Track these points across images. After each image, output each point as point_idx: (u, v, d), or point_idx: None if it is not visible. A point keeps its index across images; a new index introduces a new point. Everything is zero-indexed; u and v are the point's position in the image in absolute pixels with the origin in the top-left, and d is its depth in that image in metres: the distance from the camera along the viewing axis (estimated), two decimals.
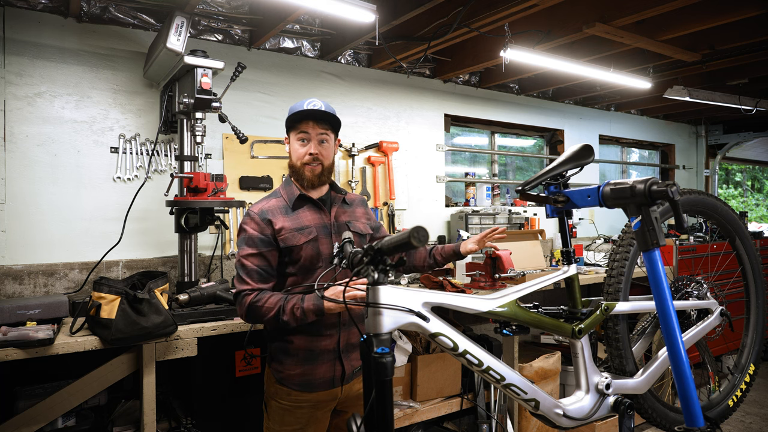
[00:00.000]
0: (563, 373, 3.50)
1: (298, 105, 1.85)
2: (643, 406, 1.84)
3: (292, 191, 1.88)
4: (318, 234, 1.83)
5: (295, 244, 1.79)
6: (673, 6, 2.78)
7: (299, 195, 1.86)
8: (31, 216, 2.64)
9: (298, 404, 1.82)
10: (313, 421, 1.85)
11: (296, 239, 1.80)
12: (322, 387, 1.83)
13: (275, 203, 1.85)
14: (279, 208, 1.84)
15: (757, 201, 9.21)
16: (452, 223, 4.13)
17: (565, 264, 1.78)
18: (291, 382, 1.82)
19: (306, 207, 1.87)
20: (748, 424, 3.85)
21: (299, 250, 1.80)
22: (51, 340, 1.97)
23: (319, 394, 1.83)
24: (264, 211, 1.82)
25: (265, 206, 1.84)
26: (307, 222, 1.84)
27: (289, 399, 1.82)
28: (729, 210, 2.09)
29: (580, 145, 1.78)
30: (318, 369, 1.82)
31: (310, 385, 1.82)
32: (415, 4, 2.81)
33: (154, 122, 2.94)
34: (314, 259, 1.81)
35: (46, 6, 2.67)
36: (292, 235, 1.80)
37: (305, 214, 1.85)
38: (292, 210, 1.84)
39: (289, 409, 1.83)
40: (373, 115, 3.84)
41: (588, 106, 5.40)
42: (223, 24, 3.18)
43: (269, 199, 1.88)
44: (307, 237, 1.81)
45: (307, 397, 1.82)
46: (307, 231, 1.82)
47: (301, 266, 1.81)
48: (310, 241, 1.81)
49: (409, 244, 1.20)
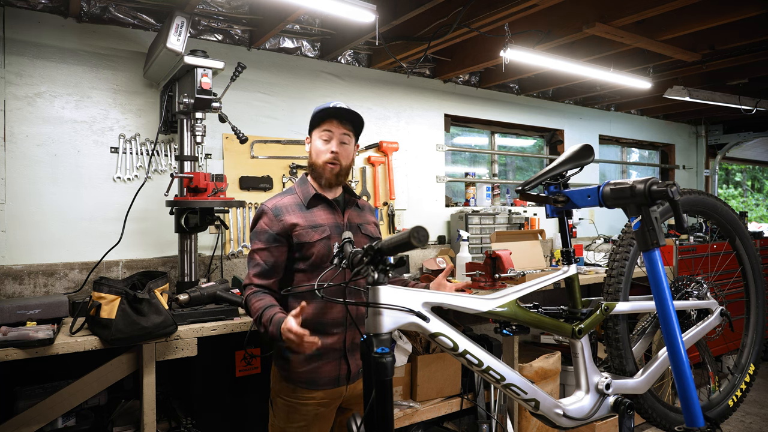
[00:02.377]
0: (563, 373, 3.50)
1: (323, 105, 1.89)
2: (643, 406, 1.84)
3: (307, 190, 1.91)
4: (331, 233, 1.86)
5: (308, 240, 1.82)
6: (673, 6, 2.78)
7: (315, 194, 1.89)
8: (31, 216, 2.64)
9: (304, 401, 1.83)
10: (318, 419, 1.86)
11: (310, 236, 1.82)
12: (328, 385, 1.84)
13: (290, 200, 1.88)
14: (294, 204, 1.87)
15: (757, 201, 9.20)
16: (452, 223, 4.13)
17: (565, 264, 1.78)
18: (296, 380, 1.83)
19: (320, 206, 1.90)
20: (748, 424, 3.85)
21: (311, 246, 1.82)
22: (51, 340, 1.97)
23: (324, 392, 1.84)
24: (278, 207, 1.85)
25: (279, 203, 1.87)
26: (321, 221, 1.87)
27: (295, 396, 1.84)
28: (729, 210, 2.09)
29: (580, 145, 1.78)
30: (324, 367, 1.83)
31: (316, 382, 1.83)
32: (415, 4, 2.81)
33: (154, 122, 2.94)
34: (325, 258, 1.83)
35: (46, 6, 2.67)
36: (305, 231, 1.82)
37: (319, 213, 1.88)
38: (306, 208, 1.87)
39: (294, 406, 1.84)
40: (373, 115, 3.84)
41: (588, 106, 5.40)
42: (223, 24, 3.18)
43: (284, 195, 1.91)
44: (320, 235, 1.83)
45: (313, 394, 1.83)
46: (321, 229, 1.85)
47: (312, 263, 1.83)
48: (323, 238, 1.83)
49: (409, 244, 1.20)
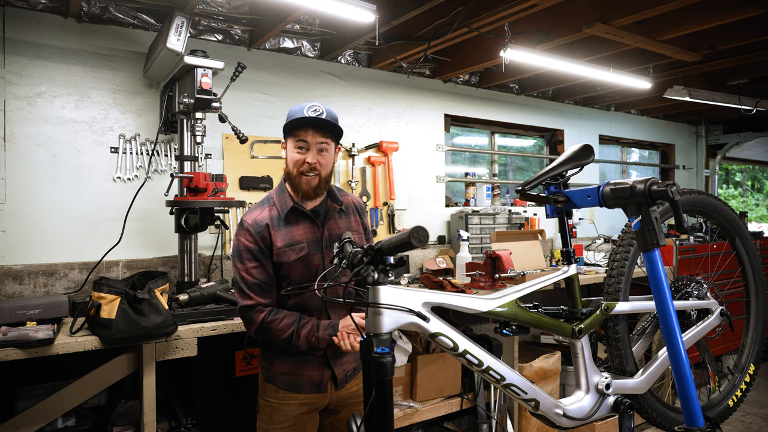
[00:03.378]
0: (563, 373, 3.50)
1: (298, 110, 1.77)
2: (643, 406, 1.84)
3: (285, 201, 1.81)
4: (309, 251, 1.79)
5: (285, 260, 1.77)
6: (673, 6, 2.78)
7: (292, 207, 1.80)
8: (31, 216, 2.64)
9: (285, 402, 1.81)
10: (301, 421, 1.83)
11: (287, 255, 1.76)
12: (309, 389, 1.82)
13: (267, 213, 1.80)
14: (272, 218, 1.79)
15: (757, 201, 9.20)
16: (452, 223, 4.13)
17: (565, 264, 1.78)
18: (278, 381, 1.82)
19: (298, 220, 1.82)
20: (748, 424, 3.85)
21: (289, 267, 1.77)
22: (51, 340, 1.97)
23: (305, 395, 1.82)
24: (257, 222, 1.77)
25: (258, 217, 1.79)
26: (299, 236, 1.79)
27: (277, 397, 1.82)
28: (729, 210, 2.09)
29: (580, 145, 1.78)
30: (305, 371, 1.81)
31: (297, 385, 1.81)
32: (415, 4, 2.81)
33: (154, 122, 2.94)
34: (305, 276, 1.79)
35: (46, 6, 2.67)
36: (283, 251, 1.76)
37: (297, 228, 1.80)
38: (284, 223, 1.79)
39: (276, 407, 1.82)
40: (373, 115, 3.84)
41: (588, 106, 5.40)
42: (223, 24, 3.18)
43: (262, 207, 1.82)
44: (297, 254, 1.77)
45: (295, 395, 1.82)
46: (299, 247, 1.78)
47: (292, 281, 1.79)
48: (300, 258, 1.78)
49: (409, 244, 1.21)
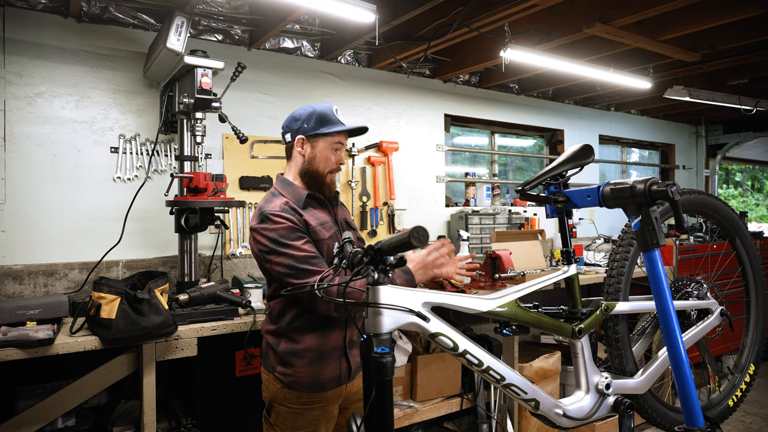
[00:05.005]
0: (563, 373, 3.50)
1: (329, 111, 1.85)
2: (643, 406, 1.84)
3: (297, 191, 1.84)
4: (336, 229, 1.87)
5: (321, 238, 1.80)
6: (673, 6, 2.78)
7: (308, 194, 1.85)
8: (31, 216, 2.64)
9: (310, 406, 1.80)
10: (325, 420, 1.84)
11: (321, 233, 1.80)
12: (332, 385, 1.83)
13: (287, 201, 1.80)
14: (295, 204, 1.80)
15: (757, 201, 9.20)
16: (452, 223, 4.13)
17: (565, 264, 1.78)
18: (301, 385, 1.79)
19: (315, 205, 1.88)
20: (748, 424, 3.85)
21: (322, 243, 1.80)
22: (51, 340, 1.97)
23: (329, 393, 1.83)
24: (284, 208, 1.76)
25: (281, 204, 1.77)
26: (323, 218, 1.86)
27: (300, 402, 1.80)
28: (729, 210, 2.09)
29: (580, 145, 1.78)
30: (327, 368, 1.82)
31: (321, 385, 1.81)
32: (415, 4, 2.81)
33: (154, 122, 2.94)
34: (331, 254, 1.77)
35: (46, 6, 2.67)
36: (318, 229, 1.80)
37: (317, 212, 1.86)
38: (303, 208, 1.82)
39: (300, 411, 1.80)
40: (373, 115, 3.84)
41: (588, 106, 5.40)
42: (223, 24, 3.18)
43: (277, 198, 1.81)
44: (329, 231, 1.83)
45: (319, 397, 1.81)
46: (328, 225, 1.85)
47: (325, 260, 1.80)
48: (332, 235, 1.83)
49: (410, 244, 1.20)
